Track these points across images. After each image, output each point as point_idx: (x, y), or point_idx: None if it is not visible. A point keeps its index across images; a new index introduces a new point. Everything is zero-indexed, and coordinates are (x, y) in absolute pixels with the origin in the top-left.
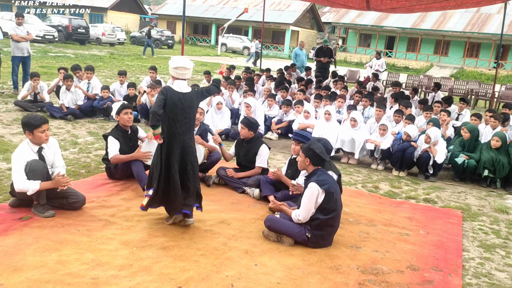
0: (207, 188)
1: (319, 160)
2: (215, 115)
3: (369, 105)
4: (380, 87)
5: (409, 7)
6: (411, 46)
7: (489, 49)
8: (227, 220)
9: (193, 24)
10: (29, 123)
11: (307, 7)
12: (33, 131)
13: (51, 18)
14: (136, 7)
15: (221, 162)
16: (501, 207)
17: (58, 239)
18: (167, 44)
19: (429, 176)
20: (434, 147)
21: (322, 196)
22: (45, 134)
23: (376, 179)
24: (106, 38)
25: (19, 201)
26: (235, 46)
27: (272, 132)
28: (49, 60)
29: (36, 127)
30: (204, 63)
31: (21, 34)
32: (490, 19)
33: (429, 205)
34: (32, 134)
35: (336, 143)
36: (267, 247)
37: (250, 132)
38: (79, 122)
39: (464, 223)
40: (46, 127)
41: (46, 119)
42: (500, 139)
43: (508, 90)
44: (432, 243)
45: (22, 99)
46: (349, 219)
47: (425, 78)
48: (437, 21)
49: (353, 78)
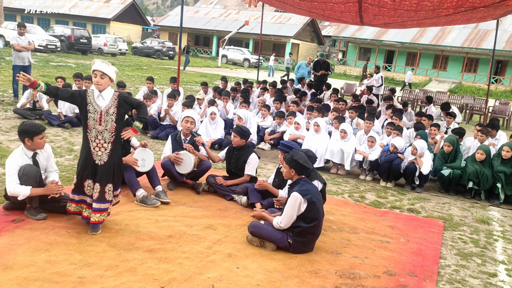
0: (196, 195)
1: (303, 169)
2: (209, 125)
3: (356, 116)
4: (374, 100)
5: (401, 22)
6: (410, 60)
7: (487, 65)
8: (214, 225)
9: (195, 35)
10: (30, 131)
11: (307, 21)
12: (33, 138)
13: (54, 28)
14: (138, 18)
15: (211, 170)
16: (483, 218)
17: (48, 240)
18: (168, 55)
19: (415, 187)
20: (420, 158)
21: (305, 206)
22: (43, 141)
23: (363, 189)
24: (108, 49)
25: (12, 204)
26: (236, 58)
27: (265, 142)
28: (50, 70)
29: (37, 134)
30: (204, 74)
31: (22, 43)
32: (488, 35)
33: (412, 215)
34: (32, 141)
35: (325, 154)
36: (250, 252)
37: (242, 140)
38: (76, 130)
39: (445, 232)
40: (44, 134)
41: (44, 127)
42: (484, 152)
43: (503, 105)
44: (411, 250)
45: (21, 107)
46: (332, 226)
47: (421, 92)
48: (436, 36)
49: (350, 91)
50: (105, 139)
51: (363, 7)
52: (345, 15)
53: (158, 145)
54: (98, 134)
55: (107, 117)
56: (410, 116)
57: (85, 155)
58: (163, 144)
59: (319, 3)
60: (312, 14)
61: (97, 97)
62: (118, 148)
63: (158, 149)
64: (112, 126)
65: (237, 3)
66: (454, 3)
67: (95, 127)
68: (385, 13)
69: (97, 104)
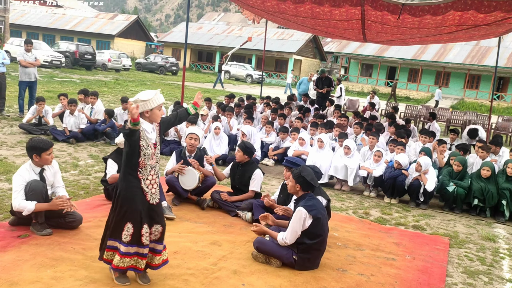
0: (201, 211)
1: (309, 186)
2: (213, 140)
3: (360, 132)
4: (377, 116)
5: (404, 39)
6: (412, 76)
7: (489, 81)
8: (219, 241)
9: (198, 51)
10: (38, 147)
11: (310, 37)
12: (41, 154)
13: (59, 44)
14: (142, 35)
15: (216, 186)
16: (488, 235)
17: (54, 256)
18: (171, 71)
19: (420, 203)
20: (424, 175)
21: (310, 221)
22: (50, 156)
23: (367, 205)
24: (112, 64)
25: (18, 219)
26: (239, 74)
27: (269, 158)
28: (55, 85)
29: (45, 150)
30: (207, 89)
31: (29, 60)
32: (490, 51)
33: (418, 232)
34: (39, 157)
35: (329, 170)
36: (256, 268)
37: (244, 156)
38: (81, 145)
39: (451, 250)
40: (52, 150)
41: (52, 143)
42: (490, 169)
43: (506, 121)
44: (417, 268)
45: (27, 122)
46: (337, 243)
47: (423, 108)
48: (438, 52)
49: (352, 107)
50: (157, 174)
51: (366, 24)
52: (349, 32)
53: (162, 160)
54: (151, 170)
55: (156, 150)
56: (413, 133)
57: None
58: (167, 160)
59: (322, 21)
60: (315, 31)
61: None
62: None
63: (162, 164)
64: (159, 158)
65: (240, 19)
66: (456, 21)
67: (149, 163)
68: (388, 30)
69: (147, 136)
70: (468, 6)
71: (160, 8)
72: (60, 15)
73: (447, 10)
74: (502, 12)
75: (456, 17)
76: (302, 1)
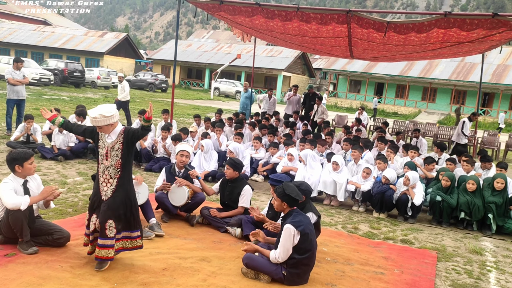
0: (190, 227)
1: (294, 202)
2: (202, 157)
3: (350, 148)
4: (363, 130)
5: (390, 56)
6: (400, 92)
7: (474, 97)
8: (208, 257)
9: (187, 68)
10: (19, 157)
11: (298, 54)
12: (23, 163)
13: (48, 62)
14: (132, 52)
15: (205, 202)
16: (476, 249)
17: (42, 275)
18: (161, 88)
19: (408, 218)
20: (412, 189)
21: (298, 237)
22: (33, 166)
23: (356, 220)
24: (101, 82)
25: (5, 238)
26: (228, 91)
27: (258, 174)
28: (43, 103)
29: (26, 159)
30: (197, 106)
31: (17, 78)
32: (475, 68)
33: (406, 246)
34: (22, 167)
35: (318, 185)
36: (245, 284)
37: (235, 172)
38: (70, 163)
39: (438, 263)
40: (33, 159)
41: (32, 152)
42: (475, 183)
43: (491, 136)
44: (405, 281)
45: (14, 140)
46: (326, 258)
47: (411, 124)
48: (424, 69)
49: (341, 123)
50: (110, 175)
51: (353, 41)
52: (336, 49)
53: (152, 177)
54: (105, 170)
55: (112, 153)
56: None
57: (95, 190)
58: (157, 177)
59: (310, 38)
60: (303, 48)
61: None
62: (125, 185)
63: (151, 181)
64: (118, 161)
65: (229, 37)
66: (440, 38)
67: (103, 163)
68: (374, 47)
69: (106, 140)
70: (451, 24)
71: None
72: (49, 33)
73: (431, 28)
74: (484, 30)
75: (440, 34)
76: (290, 18)
